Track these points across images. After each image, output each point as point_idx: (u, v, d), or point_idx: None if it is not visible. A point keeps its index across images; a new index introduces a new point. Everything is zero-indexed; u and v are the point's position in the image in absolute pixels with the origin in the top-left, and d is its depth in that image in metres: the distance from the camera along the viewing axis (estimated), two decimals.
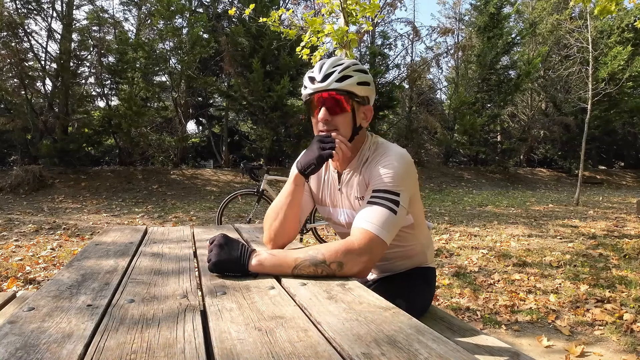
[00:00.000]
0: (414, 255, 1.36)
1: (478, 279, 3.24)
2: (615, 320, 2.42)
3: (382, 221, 1.04)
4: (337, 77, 1.13)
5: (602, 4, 4.18)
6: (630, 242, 4.63)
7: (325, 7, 4.79)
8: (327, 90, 1.14)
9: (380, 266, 1.37)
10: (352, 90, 1.15)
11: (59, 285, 0.87)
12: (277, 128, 11.64)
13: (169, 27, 10.65)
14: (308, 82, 1.18)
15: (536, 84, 16.16)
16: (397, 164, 1.11)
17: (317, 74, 1.16)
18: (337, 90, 1.14)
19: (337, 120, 1.15)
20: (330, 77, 1.14)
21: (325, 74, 1.15)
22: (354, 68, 1.16)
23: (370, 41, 14.70)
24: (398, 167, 1.11)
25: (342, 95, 1.14)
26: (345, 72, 1.14)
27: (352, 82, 1.14)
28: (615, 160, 18.97)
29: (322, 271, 0.97)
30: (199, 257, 1.19)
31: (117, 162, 11.73)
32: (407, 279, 1.34)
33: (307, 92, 1.19)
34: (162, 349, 0.59)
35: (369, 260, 1.02)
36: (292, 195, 1.20)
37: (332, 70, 1.15)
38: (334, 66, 1.16)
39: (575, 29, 11.13)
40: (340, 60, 1.18)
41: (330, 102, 1.14)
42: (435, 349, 0.59)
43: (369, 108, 1.22)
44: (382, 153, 1.17)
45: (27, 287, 2.89)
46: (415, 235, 1.31)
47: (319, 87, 1.15)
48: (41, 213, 6.44)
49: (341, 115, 1.15)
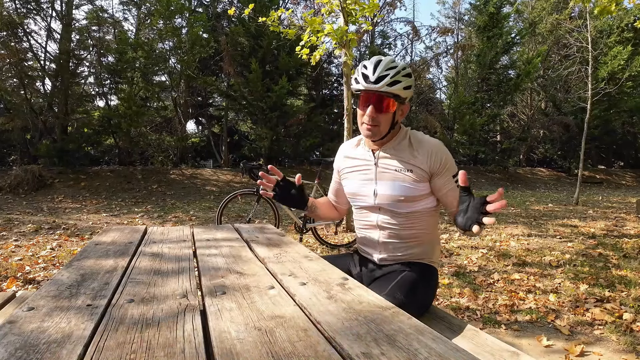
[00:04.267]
0: (424, 244, 1.42)
1: (478, 278, 3.24)
2: (614, 320, 2.42)
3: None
4: (389, 81, 1.27)
5: (602, 5, 4.18)
6: (630, 241, 4.63)
7: (325, 6, 4.78)
8: (378, 91, 1.28)
9: (391, 244, 1.41)
10: (398, 94, 1.30)
11: (59, 285, 0.87)
12: (276, 128, 11.64)
13: (169, 26, 10.63)
14: (361, 78, 1.30)
15: (536, 84, 16.17)
16: (448, 151, 1.36)
17: (372, 74, 1.29)
18: (387, 93, 1.28)
19: (381, 117, 1.31)
20: (383, 80, 1.27)
21: (379, 76, 1.28)
22: (403, 73, 1.30)
23: (370, 41, 14.69)
24: (449, 154, 1.36)
25: (390, 98, 1.29)
26: (397, 77, 1.28)
27: (400, 87, 1.28)
28: (614, 160, 18.98)
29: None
30: (199, 257, 1.19)
31: (116, 162, 11.72)
32: (411, 274, 1.36)
33: (359, 87, 1.31)
34: (162, 348, 0.59)
35: None
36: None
37: (386, 74, 1.28)
38: (387, 69, 1.29)
39: (574, 29, 11.13)
40: (393, 62, 1.31)
41: (378, 103, 1.29)
42: (435, 348, 0.59)
43: (407, 106, 1.38)
44: (430, 141, 1.35)
45: (27, 287, 2.89)
46: (430, 223, 1.41)
47: (372, 88, 1.28)
48: (41, 213, 6.44)
49: (385, 114, 1.31)
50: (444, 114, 15.94)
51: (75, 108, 10.89)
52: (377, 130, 1.32)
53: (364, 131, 1.34)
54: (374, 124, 1.31)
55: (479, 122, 13.66)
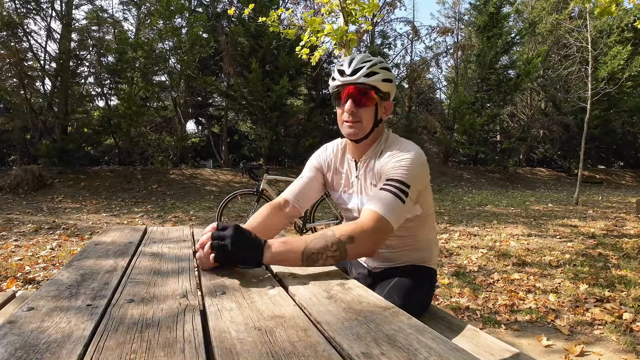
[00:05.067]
0: (419, 249, 1.37)
1: (478, 278, 3.24)
2: (614, 320, 2.42)
3: (390, 206, 1.10)
4: (366, 72, 1.22)
5: (602, 5, 4.18)
6: (630, 241, 4.63)
7: (325, 6, 4.78)
8: (355, 83, 1.23)
9: (384, 254, 1.37)
10: (377, 86, 1.23)
11: (59, 285, 0.87)
12: (276, 128, 11.64)
13: (169, 26, 10.64)
14: (337, 74, 1.26)
15: (536, 84, 16.17)
16: (412, 159, 1.19)
17: (347, 67, 1.24)
18: (365, 84, 1.22)
19: (362, 112, 1.24)
20: (359, 72, 1.22)
21: (354, 69, 1.23)
22: (380, 65, 1.25)
23: (370, 41, 14.70)
24: (412, 162, 1.19)
25: (369, 90, 1.23)
26: (373, 68, 1.23)
27: (378, 78, 1.23)
28: (614, 160, 18.99)
29: (332, 245, 1.01)
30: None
31: (116, 162, 11.72)
32: (408, 277, 1.34)
33: (335, 83, 1.27)
34: (162, 348, 0.59)
35: (377, 239, 1.09)
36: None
37: (361, 66, 1.23)
38: (363, 62, 1.24)
39: (574, 29, 11.14)
40: (368, 57, 1.27)
41: (357, 95, 1.23)
42: (435, 348, 0.59)
43: (390, 103, 1.32)
44: (398, 146, 1.25)
45: (27, 287, 2.89)
46: (422, 228, 1.35)
47: (348, 80, 1.23)
48: (40, 213, 6.44)
49: (366, 108, 1.25)
50: (443, 114, 15.95)
51: (75, 108, 10.89)
52: (360, 127, 1.24)
53: (346, 129, 1.26)
54: (355, 120, 1.24)
55: (479, 122, 13.67)
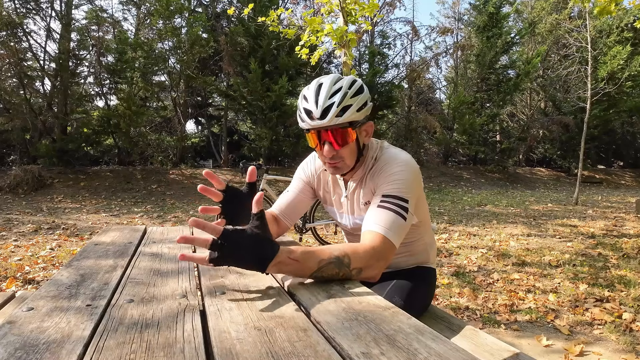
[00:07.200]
0: (417, 254, 1.37)
1: (477, 278, 3.24)
2: (614, 320, 2.42)
3: (392, 225, 1.04)
4: (337, 111, 1.08)
5: (601, 5, 4.18)
6: (629, 241, 4.63)
7: (325, 6, 4.79)
8: (328, 127, 1.09)
9: None
10: (354, 120, 1.11)
11: (58, 285, 0.87)
12: (275, 128, 11.64)
13: (168, 26, 10.64)
14: (305, 116, 1.11)
15: (535, 84, 16.19)
16: (406, 171, 1.12)
17: (314, 108, 1.09)
18: (340, 124, 1.09)
19: (342, 152, 1.13)
20: (329, 113, 1.07)
21: (323, 109, 1.08)
22: (350, 93, 1.10)
23: (370, 41, 14.71)
24: (406, 174, 1.11)
25: (345, 129, 1.10)
26: (344, 102, 1.08)
27: (352, 111, 1.09)
28: (614, 160, 19.00)
29: (343, 275, 0.94)
30: None
31: (116, 162, 11.71)
32: (407, 277, 1.34)
33: (305, 126, 1.13)
34: (162, 348, 0.59)
35: (384, 265, 1.02)
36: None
37: (330, 103, 1.08)
38: (330, 96, 1.09)
39: (574, 29, 11.15)
40: (334, 85, 1.11)
41: (334, 138, 1.11)
42: (435, 348, 0.59)
43: (370, 124, 1.19)
44: (389, 160, 1.16)
45: (26, 287, 2.89)
46: (419, 234, 1.34)
47: (319, 125, 1.09)
48: (40, 213, 6.43)
49: (346, 147, 1.13)
50: (443, 113, 15.95)
51: (75, 108, 10.89)
52: (343, 164, 1.15)
53: (329, 169, 1.18)
54: (336, 161, 1.14)
55: (479, 122, 13.68)
